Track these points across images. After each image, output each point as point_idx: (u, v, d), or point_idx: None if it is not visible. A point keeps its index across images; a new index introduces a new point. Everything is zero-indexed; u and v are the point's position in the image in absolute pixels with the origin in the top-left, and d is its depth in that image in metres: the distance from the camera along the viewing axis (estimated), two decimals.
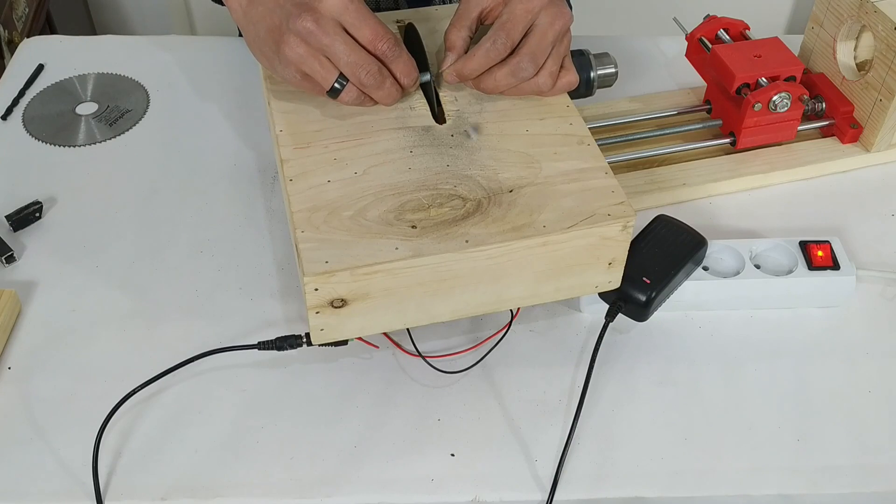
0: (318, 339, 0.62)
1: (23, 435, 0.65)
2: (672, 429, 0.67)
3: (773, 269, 0.74)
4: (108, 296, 0.75)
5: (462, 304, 0.62)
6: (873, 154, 0.88)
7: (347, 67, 0.64)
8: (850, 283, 0.74)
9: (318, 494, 0.63)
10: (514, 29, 0.67)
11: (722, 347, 0.73)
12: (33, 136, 0.90)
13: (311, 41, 0.63)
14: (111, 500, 0.62)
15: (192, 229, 0.80)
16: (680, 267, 0.70)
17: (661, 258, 0.70)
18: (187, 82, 0.97)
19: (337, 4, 0.63)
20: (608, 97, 0.90)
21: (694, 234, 0.72)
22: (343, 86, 0.65)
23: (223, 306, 0.74)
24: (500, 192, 0.62)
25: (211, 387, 0.68)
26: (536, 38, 0.67)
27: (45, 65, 0.98)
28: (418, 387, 0.69)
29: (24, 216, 0.80)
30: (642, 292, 0.68)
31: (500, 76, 0.67)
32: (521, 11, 0.67)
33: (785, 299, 0.74)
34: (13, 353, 0.70)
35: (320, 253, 0.58)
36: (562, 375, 0.70)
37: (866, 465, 0.65)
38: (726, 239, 0.75)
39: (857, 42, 0.88)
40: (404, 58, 0.66)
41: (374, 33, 0.64)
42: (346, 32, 0.63)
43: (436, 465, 0.64)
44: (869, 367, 0.72)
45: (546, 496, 0.63)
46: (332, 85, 0.65)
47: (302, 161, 0.64)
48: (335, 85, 0.65)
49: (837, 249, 0.75)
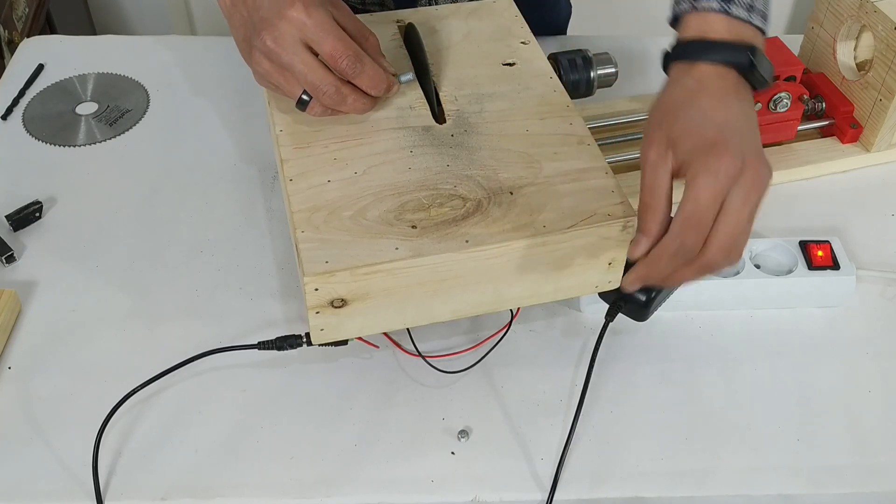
0: (318, 339, 0.62)
1: (23, 435, 0.65)
2: (672, 429, 0.67)
3: (772, 269, 0.74)
4: (108, 296, 0.75)
5: (462, 304, 0.62)
6: (873, 154, 0.88)
7: (307, 86, 0.63)
8: (850, 283, 0.74)
9: (318, 494, 0.63)
10: (702, 222, 0.56)
11: (722, 347, 0.73)
12: (33, 135, 0.90)
13: (272, 58, 0.63)
14: (111, 499, 0.62)
15: (192, 229, 0.80)
16: None
17: None
18: (187, 82, 0.97)
19: (296, 20, 0.61)
20: (608, 97, 0.90)
21: None
22: (310, 98, 0.64)
23: (223, 306, 0.74)
24: (500, 192, 0.62)
25: (211, 387, 0.69)
26: (730, 227, 0.56)
27: (45, 65, 0.98)
28: (418, 387, 0.69)
29: (24, 216, 0.80)
30: (642, 292, 0.68)
31: (688, 275, 0.60)
32: (708, 197, 0.56)
33: (785, 299, 0.74)
34: (13, 353, 0.70)
35: (320, 253, 0.58)
36: (561, 375, 0.70)
37: (866, 465, 0.65)
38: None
39: (857, 42, 0.88)
40: (368, 71, 0.63)
41: (332, 50, 0.62)
42: (309, 48, 0.62)
43: (436, 464, 0.64)
44: (869, 367, 0.72)
45: (546, 496, 0.63)
46: (299, 97, 0.64)
47: (302, 161, 0.64)
48: (302, 97, 0.64)
49: (837, 249, 0.75)
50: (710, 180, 0.55)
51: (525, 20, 0.79)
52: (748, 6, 0.62)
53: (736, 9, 0.62)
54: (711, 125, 0.58)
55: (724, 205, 0.56)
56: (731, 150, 0.56)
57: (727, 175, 0.55)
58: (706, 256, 0.57)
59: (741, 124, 0.59)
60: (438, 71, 0.73)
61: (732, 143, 0.57)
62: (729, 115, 0.59)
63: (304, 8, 0.61)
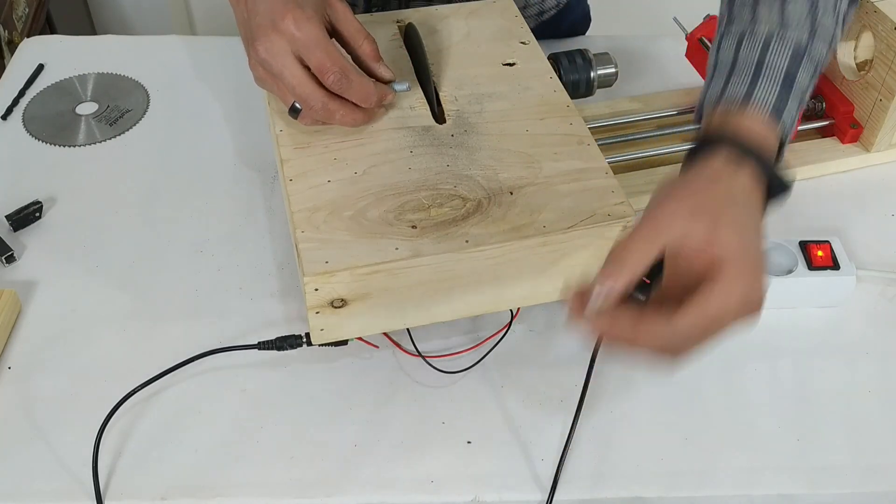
0: (318, 339, 0.62)
1: (23, 434, 0.65)
2: (672, 429, 0.67)
3: (773, 270, 0.74)
4: (108, 296, 0.75)
5: (462, 304, 0.62)
6: (873, 154, 0.88)
7: (297, 98, 0.64)
8: (850, 283, 0.74)
9: (318, 494, 0.63)
10: (703, 336, 0.54)
11: (722, 347, 0.72)
12: (33, 135, 0.90)
13: (265, 67, 0.63)
14: (111, 499, 0.62)
15: (192, 229, 0.80)
16: None
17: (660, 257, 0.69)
18: (187, 82, 0.97)
19: (286, 33, 0.61)
20: (608, 97, 0.90)
21: None
22: (301, 108, 0.65)
23: (223, 306, 0.74)
24: (500, 192, 0.62)
25: (211, 387, 0.68)
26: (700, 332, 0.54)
27: (45, 65, 0.98)
28: (418, 387, 0.69)
29: (24, 216, 0.80)
30: (643, 292, 0.68)
31: (643, 358, 0.56)
32: (705, 319, 0.53)
33: (785, 299, 0.74)
34: (13, 353, 0.70)
35: (320, 253, 0.58)
36: (561, 375, 0.70)
37: (866, 466, 0.65)
38: None
39: (857, 42, 0.88)
40: (355, 86, 0.63)
41: (320, 65, 0.62)
42: (301, 60, 0.62)
43: (436, 465, 0.64)
44: (869, 368, 0.72)
45: (545, 496, 0.63)
46: (291, 105, 0.65)
47: (302, 161, 0.64)
48: (294, 105, 0.64)
49: (837, 249, 0.75)
50: (720, 303, 0.52)
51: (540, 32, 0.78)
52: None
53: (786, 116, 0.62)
54: (756, 250, 0.54)
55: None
56: (763, 291, 0.53)
57: (735, 309, 0.53)
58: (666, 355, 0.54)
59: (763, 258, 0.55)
60: (438, 71, 0.73)
61: (765, 282, 0.54)
62: (760, 242, 0.55)
63: (295, 21, 0.61)
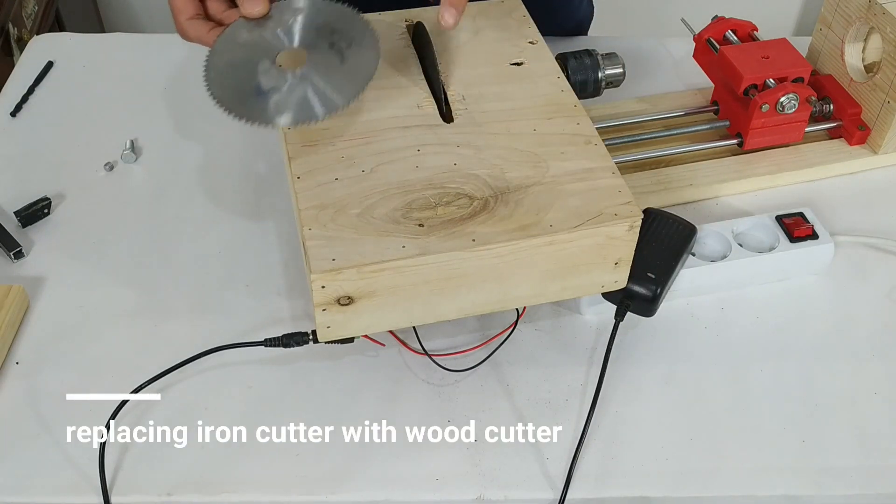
0: (325, 337, 0.62)
1: (30, 429, 0.65)
2: (677, 429, 0.67)
3: (756, 247, 0.76)
4: (115, 292, 0.75)
5: (468, 302, 0.62)
6: (881, 156, 0.88)
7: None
8: (829, 250, 0.76)
9: (323, 491, 0.63)
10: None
11: (728, 348, 0.73)
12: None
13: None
14: (118, 494, 0.62)
15: (199, 226, 0.81)
16: (679, 257, 0.70)
17: (660, 251, 0.70)
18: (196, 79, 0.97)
19: None
20: (616, 97, 0.90)
21: (684, 222, 0.73)
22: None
23: (230, 303, 0.74)
24: (506, 191, 0.63)
25: (217, 383, 0.69)
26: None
27: (55, 62, 0.99)
28: (424, 385, 0.69)
29: (32, 212, 0.80)
30: (649, 288, 0.68)
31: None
32: None
33: (773, 273, 0.77)
34: (21, 349, 0.71)
35: (327, 250, 0.58)
36: (567, 374, 0.70)
37: (871, 467, 0.65)
38: (708, 223, 0.77)
39: (866, 44, 0.88)
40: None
41: None
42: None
43: (441, 462, 0.65)
44: (875, 369, 0.72)
45: (550, 494, 0.63)
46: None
47: (309, 159, 0.65)
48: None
49: (811, 218, 0.77)
50: None
51: (542, 21, 0.78)
52: None
53: None
54: None
55: None
56: None
57: None
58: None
59: None
60: (446, 70, 0.73)
61: None
62: None
63: None
